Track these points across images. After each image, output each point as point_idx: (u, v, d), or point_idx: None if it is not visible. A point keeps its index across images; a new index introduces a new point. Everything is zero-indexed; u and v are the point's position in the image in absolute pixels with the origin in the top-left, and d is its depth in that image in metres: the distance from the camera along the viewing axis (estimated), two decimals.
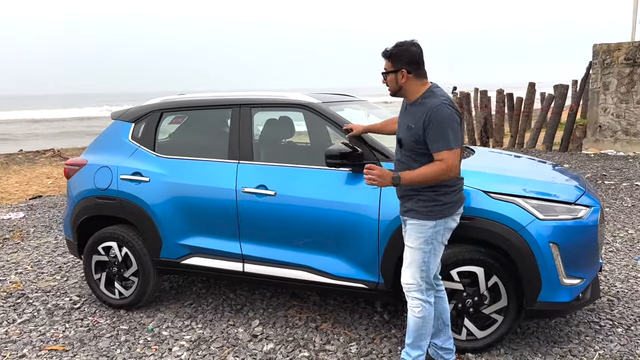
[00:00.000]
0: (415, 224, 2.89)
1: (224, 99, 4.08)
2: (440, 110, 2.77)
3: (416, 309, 2.92)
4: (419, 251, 2.90)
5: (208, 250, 3.94)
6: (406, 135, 2.91)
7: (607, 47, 13.02)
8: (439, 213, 2.86)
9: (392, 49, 2.91)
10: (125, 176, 4.13)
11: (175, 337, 3.76)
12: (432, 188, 2.86)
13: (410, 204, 2.92)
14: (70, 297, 4.58)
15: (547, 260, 3.14)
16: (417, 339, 2.99)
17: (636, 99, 12.68)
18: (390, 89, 2.97)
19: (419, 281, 2.90)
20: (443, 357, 3.14)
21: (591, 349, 3.36)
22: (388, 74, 2.92)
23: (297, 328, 3.82)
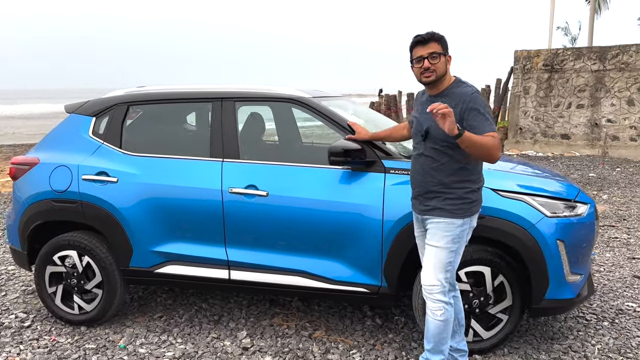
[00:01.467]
0: (442, 222, 2.76)
1: (204, 92, 3.74)
2: (478, 97, 2.72)
3: (438, 312, 2.79)
4: (446, 250, 2.77)
5: (187, 257, 3.60)
6: (436, 125, 2.68)
7: (527, 53, 13.75)
8: (467, 211, 2.76)
9: (438, 34, 2.77)
10: (88, 176, 3.68)
11: (155, 355, 3.38)
12: (461, 185, 2.75)
13: (436, 202, 2.79)
14: (15, 315, 4.04)
15: (555, 258, 3.13)
16: (438, 343, 2.85)
17: (554, 102, 13.49)
18: (438, 72, 2.75)
19: (443, 282, 2.78)
20: (457, 359, 3.03)
21: (588, 344, 3.41)
22: (440, 55, 2.73)
23: (288, 338, 3.57)
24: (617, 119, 12.72)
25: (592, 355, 3.26)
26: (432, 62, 2.74)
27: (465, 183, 2.76)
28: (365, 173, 3.33)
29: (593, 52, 12.92)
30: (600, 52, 12.78)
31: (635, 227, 6.33)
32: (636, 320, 3.75)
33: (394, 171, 3.30)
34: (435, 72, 2.75)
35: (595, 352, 3.31)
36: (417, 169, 2.89)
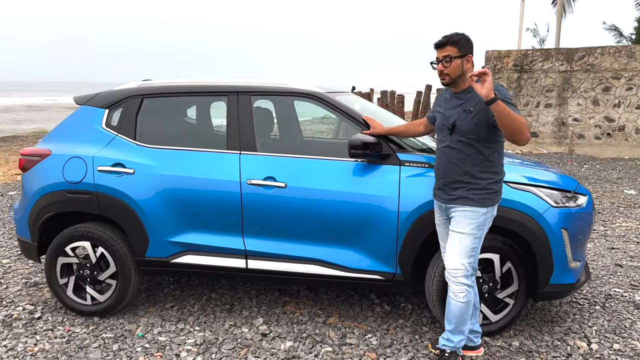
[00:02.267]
0: (468, 210, 2.94)
1: (220, 86, 3.82)
2: (502, 89, 2.87)
3: (461, 294, 2.97)
4: (471, 237, 2.94)
5: (204, 247, 3.67)
6: (465, 119, 2.91)
7: (498, 53, 14.18)
8: (491, 200, 2.95)
9: (456, 35, 2.92)
10: (103, 167, 3.71)
11: (177, 342, 3.45)
12: (486, 175, 2.93)
13: (461, 191, 2.96)
14: (22, 307, 4.03)
15: (560, 245, 3.35)
16: (459, 324, 3.03)
17: (523, 101, 13.95)
18: (452, 75, 2.91)
19: (467, 267, 2.95)
20: (473, 340, 3.22)
21: (586, 326, 3.65)
22: (454, 58, 2.89)
23: (303, 324, 3.69)
24: (583, 118, 13.27)
25: (591, 335, 3.51)
26: (445, 65, 2.91)
27: (489, 174, 2.94)
28: (381, 166, 3.48)
29: (561, 54, 13.43)
30: (568, 54, 13.31)
31: (610, 219, 6.69)
32: (624, 304, 4.03)
33: (408, 164, 3.46)
34: (448, 75, 2.92)
35: (593, 332, 3.55)
36: (442, 161, 3.05)
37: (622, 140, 12.76)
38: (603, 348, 3.34)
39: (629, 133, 12.66)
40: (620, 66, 12.59)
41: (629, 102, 12.59)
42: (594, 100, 13.09)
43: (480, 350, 3.23)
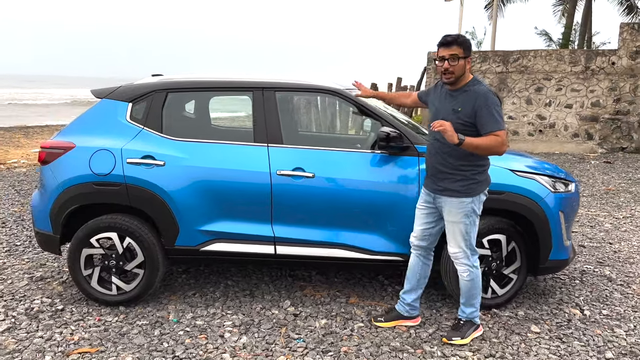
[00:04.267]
0: (455, 201, 3.27)
1: (245, 81, 4.01)
2: (491, 96, 3.20)
3: (465, 274, 3.36)
4: (461, 224, 3.31)
5: (234, 235, 3.86)
6: (451, 117, 3.24)
7: None
8: (475, 190, 3.28)
9: (462, 37, 3.27)
10: (133, 160, 3.80)
11: (216, 325, 3.63)
12: (470, 168, 3.25)
13: (447, 183, 3.28)
14: (40, 300, 4.03)
15: (557, 225, 3.83)
16: (469, 298, 3.43)
17: None
18: (457, 73, 3.23)
19: (464, 249, 3.33)
20: (410, 312, 3.61)
21: (574, 297, 4.17)
22: (460, 58, 3.20)
23: (328, 305, 3.97)
24: (517, 116, 14.29)
25: (581, 304, 4.03)
26: (451, 63, 3.20)
27: (473, 166, 3.27)
28: (401, 157, 3.81)
29: (497, 56, 14.38)
30: (504, 56, 14.27)
31: None
32: (598, 277, 4.61)
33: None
34: (453, 73, 3.24)
35: (582, 302, 4.08)
36: (432, 153, 3.40)
37: (553, 136, 13.87)
38: (594, 314, 3.87)
39: (559, 130, 13.79)
40: (551, 68, 13.68)
41: (558, 102, 13.71)
42: (528, 100, 14.12)
43: (417, 319, 3.63)
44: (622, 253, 5.32)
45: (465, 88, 3.27)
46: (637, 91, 12.74)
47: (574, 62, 13.40)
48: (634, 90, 12.76)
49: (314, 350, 3.29)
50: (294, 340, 3.42)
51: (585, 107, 13.38)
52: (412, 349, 3.30)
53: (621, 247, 5.53)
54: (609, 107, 13.08)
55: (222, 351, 3.28)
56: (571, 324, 3.68)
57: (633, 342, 3.44)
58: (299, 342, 3.39)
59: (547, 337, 3.48)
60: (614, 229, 6.23)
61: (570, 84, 13.50)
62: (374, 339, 3.43)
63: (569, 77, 13.50)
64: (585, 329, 3.61)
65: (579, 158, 12.27)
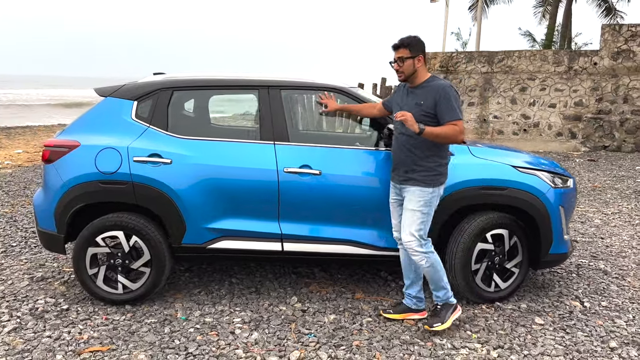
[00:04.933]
0: (417, 190, 3.43)
1: (251, 80, 4.04)
2: (450, 90, 3.40)
3: (422, 262, 3.45)
4: (419, 212, 3.42)
5: (241, 233, 3.87)
6: (415, 110, 3.41)
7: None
8: (437, 181, 3.44)
9: (408, 38, 3.44)
10: (140, 158, 3.80)
11: (225, 322, 3.65)
12: (432, 160, 3.42)
13: (412, 174, 3.45)
14: (44, 300, 4.00)
15: (558, 220, 3.93)
16: (437, 282, 3.52)
17: None
18: (406, 73, 3.45)
19: (417, 237, 3.42)
20: (417, 305, 3.70)
21: (572, 289, 4.28)
22: (406, 59, 3.40)
23: (334, 300, 4.01)
24: (502, 115, 14.50)
25: (580, 296, 4.13)
26: (400, 64, 3.43)
27: (435, 158, 3.44)
28: None
29: (482, 56, 14.58)
30: (489, 56, 14.47)
31: None
32: (594, 271, 4.73)
33: None
34: (403, 72, 3.44)
35: (580, 294, 4.18)
36: (397, 146, 3.56)
37: (537, 135, 14.11)
38: (594, 306, 3.97)
39: (543, 129, 14.03)
40: (535, 68, 13.91)
41: (542, 101, 13.95)
42: (512, 99, 14.34)
43: (424, 313, 3.71)
44: (614, 247, 5.46)
45: (424, 84, 3.46)
46: (618, 91, 13.02)
47: (557, 62, 13.65)
48: (616, 90, 13.04)
49: (326, 344, 3.33)
50: (305, 335, 3.45)
51: (568, 106, 13.63)
52: (423, 342, 3.36)
53: (612, 241, 5.67)
54: (592, 107, 13.35)
55: (234, 347, 3.30)
56: (573, 316, 3.78)
57: (634, 332, 3.55)
58: (310, 337, 3.43)
59: (551, 329, 3.57)
60: (603, 225, 6.38)
61: (553, 84, 13.74)
62: (383, 333, 3.48)
63: (552, 77, 13.75)
64: (587, 320, 3.71)
65: (564, 156, 12.49)
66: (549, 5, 23.69)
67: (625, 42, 12.81)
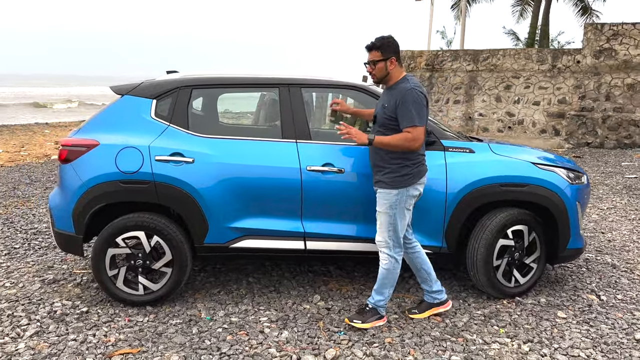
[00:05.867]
0: (382, 192, 3.45)
1: (271, 78, 4.01)
2: (410, 93, 3.36)
3: (384, 262, 3.50)
4: (386, 215, 3.45)
5: (264, 231, 3.85)
6: (380, 112, 3.48)
7: (411, 53, 15.21)
8: (401, 183, 3.42)
9: (379, 41, 3.42)
10: (161, 157, 3.75)
11: (252, 321, 3.63)
12: (396, 162, 3.40)
13: (379, 176, 3.48)
14: (61, 303, 3.93)
15: (575, 216, 4.01)
16: (381, 286, 3.55)
17: (434, 98, 15.11)
18: (378, 76, 3.46)
19: (387, 239, 3.46)
20: (437, 298, 3.73)
21: (586, 284, 4.37)
22: (377, 62, 3.41)
23: (356, 298, 4.02)
24: (487, 113, 14.70)
25: (595, 290, 4.22)
26: (372, 67, 3.43)
27: (400, 160, 3.41)
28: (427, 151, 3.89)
29: (468, 55, 14.75)
30: (474, 55, 14.65)
31: None
32: (602, 265, 4.84)
33: (451, 149, 3.92)
34: (375, 75, 3.45)
35: (595, 288, 4.27)
36: (370, 150, 3.56)
37: (522, 132, 14.34)
38: (610, 299, 4.06)
39: (527, 126, 14.27)
40: (519, 67, 14.14)
41: (526, 99, 14.18)
42: (497, 97, 14.55)
43: (448, 304, 3.76)
44: (616, 242, 5.59)
45: (394, 86, 3.46)
46: (600, 89, 13.32)
47: (541, 60, 13.89)
48: (598, 88, 13.34)
49: (359, 342, 3.34)
50: (335, 333, 3.46)
51: (552, 104, 13.89)
52: (454, 338, 3.40)
53: (613, 236, 5.81)
54: (575, 104, 13.63)
55: (267, 346, 3.29)
56: (592, 309, 3.86)
57: None
58: (340, 334, 3.43)
59: (574, 322, 3.64)
60: (601, 220, 6.53)
61: (537, 82, 13.98)
62: (413, 330, 3.51)
63: (536, 75, 13.99)
64: (607, 313, 3.79)
65: None
66: (527, 4, 24.09)
67: (607, 40, 13.11)
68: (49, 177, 9.38)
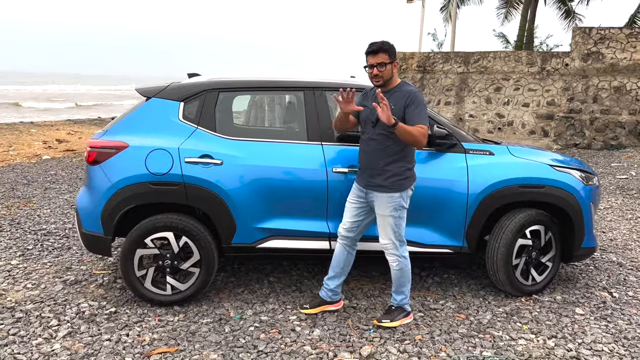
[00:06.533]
0: (385, 196, 3.50)
1: (296, 82, 4.09)
2: (418, 95, 3.50)
3: (394, 264, 3.58)
4: (391, 217, 3.52)
5: (290, 232, 3.93)
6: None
7: (403, 55, 15.37)
8: (402, 186, 3.51)
9: (387, 44, 3.48)
10: (191, 159, 3.80)
11: (282, 319, 3.70)
12: (399, 164, 3.49)
13: (379, 179, 3.49)
14: (87, 303, 3.95)
15: (589, 216, 4.17)
16: (399, 286, 3.65)
17: (426, 99, 15.29)
18: (384, 78, 3.46)
19: (394, 240, 3.55)
20: (332, 297, 3.83)
21: (597, 281, 4.53)
22: (387, 64, 3.45)
23: (379, 297, 4.12)
24: (478, 114, 14.93)
25: (608, 287, 4.38)
26: (380, 69, 3.44)
27: (402, 162, 3.50)
28: (446, 153, 4.02)
29: (459, 57, 14.97)
30: (465, 57, 14.87)
31: None
32: (608, 263, 5.01)
33: (472, 151, 4.05)
34: (382, 77, 3.47)
35: (606, 285, 4.44)
36: (365, 150, 3.58)
37: (511, 133, 14.60)
38: (622, 296, 4.22)
39: (517, 127, 14.53)
40: (509, 69, 14.39)
41: (516, 101, 14.45)
42: (487, 99, 14.79)
43: (340, 303, 3.86)
44: (618, 241, 5.78)
45: (396, 89, 3.54)
46: (588, 91, 13.63)
47: (530, 63, 14.16)
48: (586, 90, 13.65)
49: (390, 339, 3.43)
50: (366, 331, 3.55)
51: (541, 105, 14.17)
52: (482, 335, 3.52)
53: (614, 235, 6.00)
54: (563, 106, 13.93)
55: (301, 344, 3.37)
56: (607, 306, 4.01)
57: None
58: (371, 332, 3.53)
59: (592, 318, 3.79)
60: (600, 219, 6.72)
61: (527, 84, 14.25)
62: (441, 327, 3.61)
63: (526, 77, 14.26)
64: (621, 310, 3.95)
65: None
66: (511, 6, 24.46)
67: (594, 44, 13.42)
68: (45, 177, 9.31)
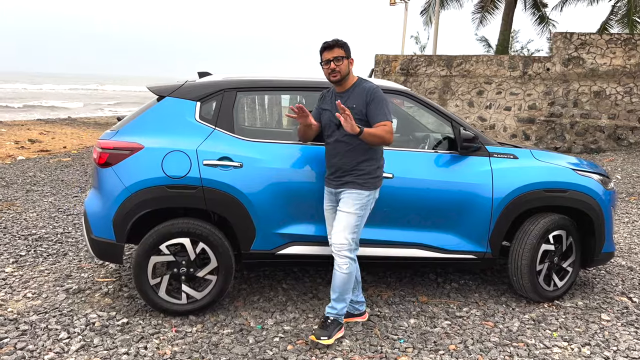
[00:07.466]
0: (354, 193, 3.38)
1: (316, 82, 3.94)
2: (378, 91, 3.41)
3: (344, 266, 3.36)
4: (355, 215, 3.38)
5: (310, 237, 3.78)
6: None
7: (386, 57, 15.36)
8: (373, 185, 3.43)
9: (341, 40, 3.42)
10: (210, 161, 3.62)
11: (306, 330, 3.55)
12: (369, 163, 3.41)
13: (350, 177, 3.39)
14: (95, 314, 3.73)
15: (610, 220, 4.14)
16: (342, 293, 3.42)
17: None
18: (342, 73, 3.37)
19: (350, 242, 3.40)
20: (357, 309, 3.69)
21: (614, 286, 4.51)
22: (343, 58, 3.36)
23: (401, 304, 4.00)
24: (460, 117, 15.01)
25: (626, 292, 4.37)
26: (336, 64, 3.35)
27: (373, 161, 3.42)
28: (470, 157, 3.93)
29: (442, 60, 15.03)
30: (448, 60, 14.94)
31: None
32: (619, 268, 5.01)
33: (496, 155, 3.97)
34: (340, 72, 3.37)
35: (623, 290, 4.42)
36: (333, 153, 3.46)
37: (493, 137, 14.71)
38: None
39: (499, 131, 14.66)
40: (491, 73, 14.52)
41: (498, 104, 14.58)
42: (470, 102, 14.89)
43: (365, 315, 3.74)
44: (621, 244, 5.81)
45: (352, 88, 3.46)
46: (569, 95, 13.84)
47: (512, 67, 14.31)
48: (567, 95, 13.86)
49: (424, 349, 3.32)
50: (396, 340, 3.43)
51: (522, 109, 14.33)
52: (515, 343, 3.43)
53: (616, 239, 6.02)
54: (544, 110, 14.12)
55: (332, 356, 3.23)
56: (630, 311, 3.99)
57: None
58: (402, 342, 3.41)
59: (620, 325, 3.75)
60: None
61: (509, 88, 14.40)
62: (472, 336, 3.52)
63: (508, 81, 14.40)
64: None
65: None
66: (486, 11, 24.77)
67: (575, 49, 13.64)
68: (24, 179, 8.93)
